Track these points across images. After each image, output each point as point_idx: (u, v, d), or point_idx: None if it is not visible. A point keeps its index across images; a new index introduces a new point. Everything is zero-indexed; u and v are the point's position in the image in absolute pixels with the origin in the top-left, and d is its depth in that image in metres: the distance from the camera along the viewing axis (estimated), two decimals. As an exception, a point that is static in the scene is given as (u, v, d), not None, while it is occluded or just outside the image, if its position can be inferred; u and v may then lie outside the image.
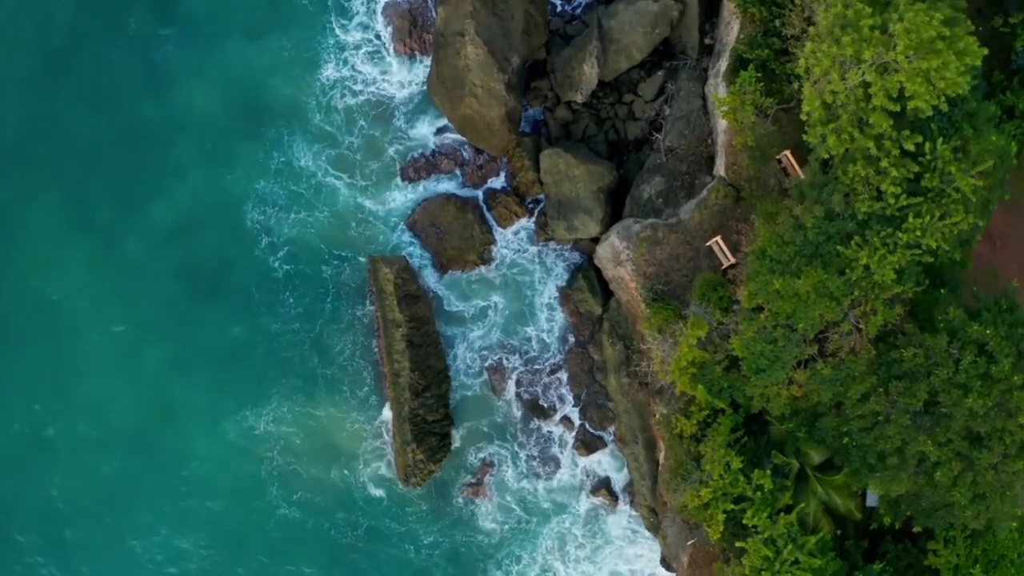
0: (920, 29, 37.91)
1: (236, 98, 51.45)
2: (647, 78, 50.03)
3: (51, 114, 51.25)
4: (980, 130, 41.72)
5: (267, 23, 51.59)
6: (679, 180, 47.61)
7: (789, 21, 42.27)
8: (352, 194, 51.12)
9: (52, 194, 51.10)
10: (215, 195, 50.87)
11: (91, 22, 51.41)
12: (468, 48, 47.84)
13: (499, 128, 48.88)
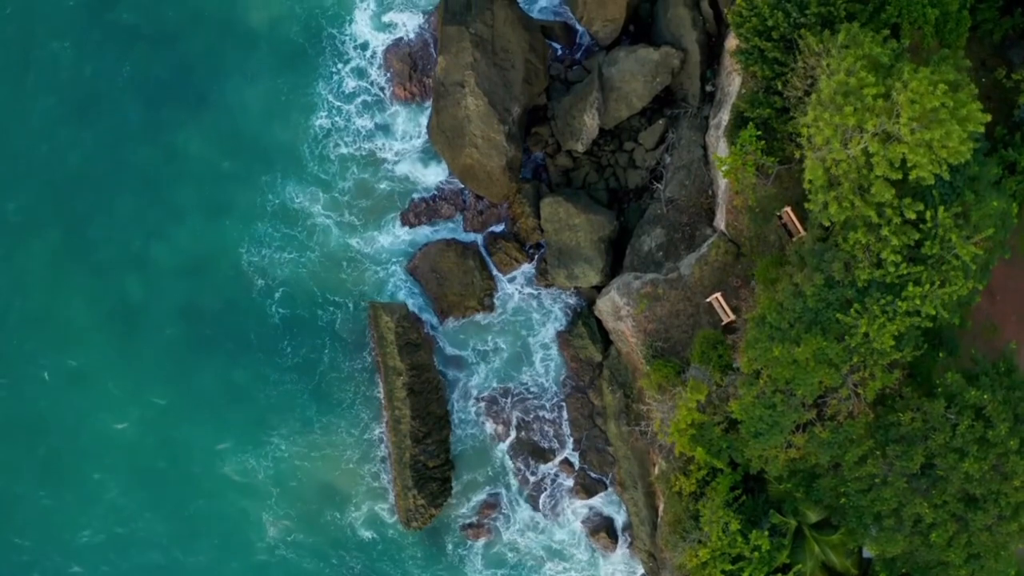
0: (924, 99, 38.00)
1: (235, 142, 51.36)
2: (648, 126, 49.99)
3: (51, 155, 51.13)
4: (981, 195, 41.71)
5: (266, 67, 51.51)
6: (679, 232, 47.66)
7: (791, 83, 42.18)
8: (352, 239, 51.12)
9: (53, 236, 51.02)
10: (214, 239, 50.94)
11: (91, 66, 51.30)
12: (468, 99, 47.73)
13: (500, 177, 48.88)
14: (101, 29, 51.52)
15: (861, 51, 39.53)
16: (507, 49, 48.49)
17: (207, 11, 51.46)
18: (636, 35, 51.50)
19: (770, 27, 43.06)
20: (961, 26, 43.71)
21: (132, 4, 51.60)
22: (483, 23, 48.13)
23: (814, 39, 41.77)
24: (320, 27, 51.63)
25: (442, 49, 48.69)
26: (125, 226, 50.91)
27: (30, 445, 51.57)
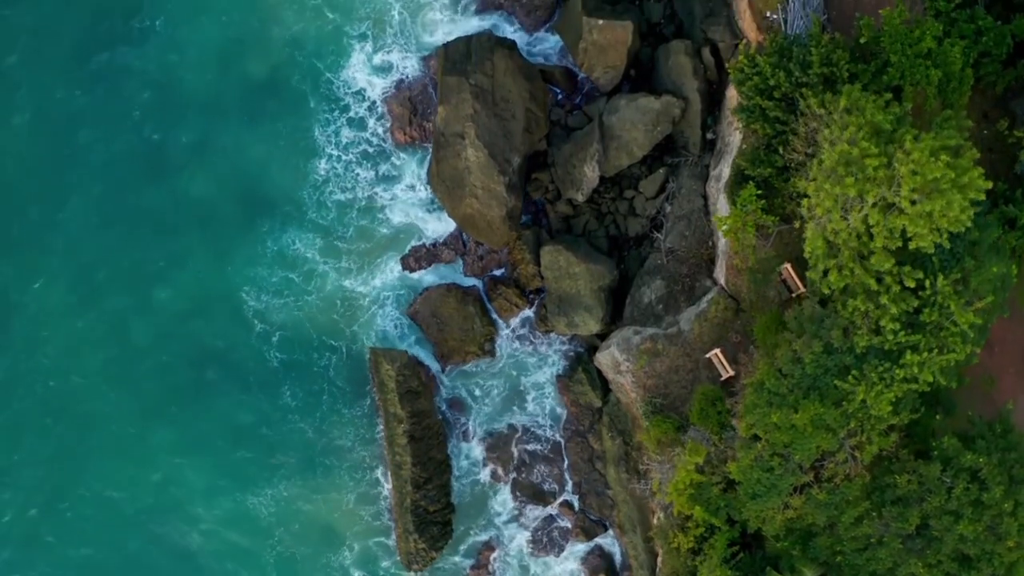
0: (925, 169, 37.98)
1: (235, 187, 51.54)
2: (648, 175, 49.88)
3: (54, 201, 51.12)
4: (981, 260, 41.79)
5: (266, 112, 51.47)
6: (679, 284, 47.78)
7: (792, 144, 42.09)
8: (352, 283, 51.30)
9: (57, 280, 51.13)
10: (214, 284, 51.22)
11: (95, 110, 51.13)
12: (469, 151, 47.65)
13: (500, 226, 48.89)
14: (102, 74, 51.35)
15: (863, 118, 39.69)
16: (507, 99, 48.35)
17: (208, 57, 51.35)
18: (637, 80, 51.38)
19: (772, 86, 43.16)
20: (964, 85, 43.52)
21: (134, 49, 51.39)
22: (483, 74, 47.99)
23: (816, 100, 41.72)
24: (318, 73, 51.57)
25: (442, 99, 48.58)
26: (127, 271, 50.98)
27: (33, 480, 51.80)
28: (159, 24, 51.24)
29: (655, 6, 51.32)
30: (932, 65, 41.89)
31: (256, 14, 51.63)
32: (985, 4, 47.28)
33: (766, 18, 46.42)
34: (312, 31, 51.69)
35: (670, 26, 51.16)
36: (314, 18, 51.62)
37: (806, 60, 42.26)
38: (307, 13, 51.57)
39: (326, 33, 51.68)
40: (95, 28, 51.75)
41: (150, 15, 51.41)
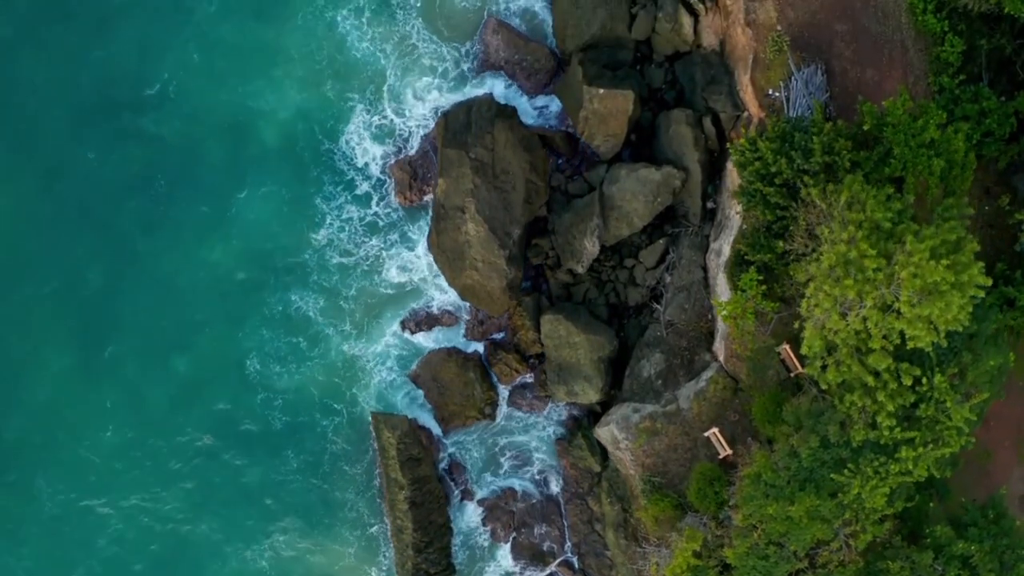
0: (925, 272, 38.00)
1: (237, 252, 51.51)
2: (648, 244, 49.85)
3: (61, 265, 50.96)
4: (979, 354, 42.04)
5: (271, 179, 51.37)
6: (678, 357, 47.99)
7: (793, 234, 42.05)
8: (353, 347, 51.58)
9: (61, 340, 51.10)
10: (217, 348, 51.37)
11: (105, 175, 50.96)
12: (469, 225, 47.61)
13: (500, 296, 48.96)
14: (112, 139, 51.21)
15: (863, 215, 39.64)
16: (508, 171, 48.21)
17: (214, 124, 51.21)
18: (638, 144, 51.13)
19: (773, 173, 43.07)
20: (966, 171, 43.39)
21: (146, 114, 51.22)
22: (483, 147, 47.81)
23: (817, 190, 41.61)
24: (320, 140, 51.46)
25: (442, 171, 48.40)
26: (136, 337, 50.99)
27: (39, 538, 52.20)
28: (170, 91, 51.20)
29: (656, 71, 51.02)
30: (935, 155, 41.78)
31: (261, 81, 51.47)
32: (989, 79, 47.46)
33: (768, 95, 46.34)
34: (315, 98, 51.70)
35: (671, 92, 50.90)
36: (318, 85, 51.59)
37: (808, 147, 42.14)
38: (310, 80, 51.60)
39: (328, 99, 51.70)
40: (107, 92, 51.63)
41: (162, 82, 51.24)
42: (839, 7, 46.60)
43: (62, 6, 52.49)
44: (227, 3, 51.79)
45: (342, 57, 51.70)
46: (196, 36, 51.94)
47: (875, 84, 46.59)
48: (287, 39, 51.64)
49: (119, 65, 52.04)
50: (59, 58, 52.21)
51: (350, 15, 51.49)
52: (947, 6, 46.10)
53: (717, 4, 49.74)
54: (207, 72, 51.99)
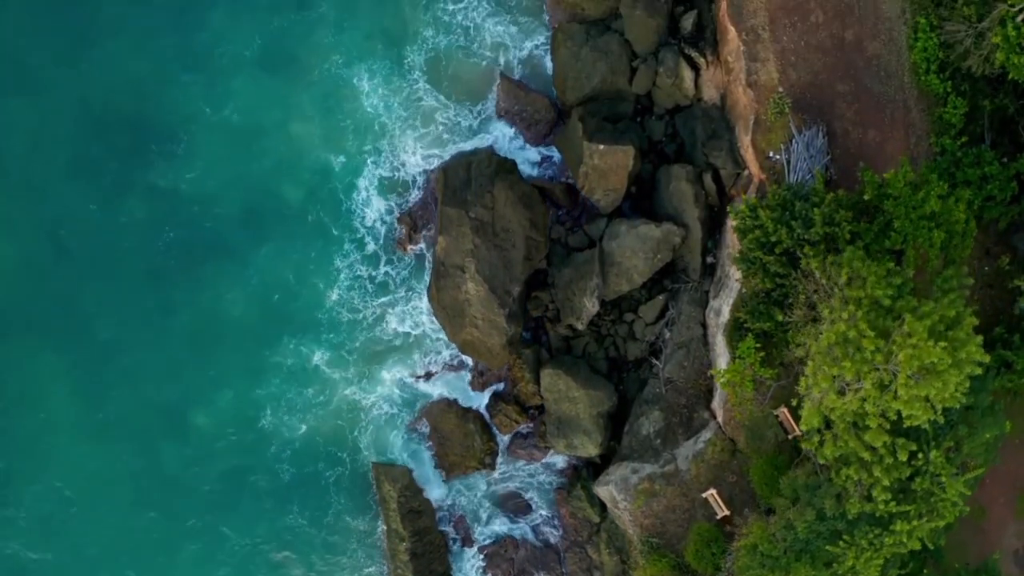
0: (923, 354, 38.08)
1: (248, 306, 51.49)
2: (648, 299, 49.82)
3: (70, 317, 50.96)
4: (975, 426, 42.30)
5: (280, 235, 51.38)
6: (677, 416, 48.14)
7: (792, 305, 42.05)
8: (358, 397, 51.54)
9: (70, 395, 51.12)
10: (228, 401, 51.30)
11: (122, 229, 50.87)
12: (469, 284, 47.56)
13: (500, 352, 49.05)
14: (127, 193, 51.10)
15: (863, 292, 39.61)
16: (508, 229, 48.07)
17: (225, 176, 51.18)
18: (638, 196, 50.99)
19: (773, 242, 43.01)
20: (967, 239, 43.34)
21: (163, 169, 51.11)
22: (483, 206, 47.67)
23: (817, 262, 41.56)
24: (332, 196, 51.56)
25: (442, 229, 48.32)
26: (149, 391, 51.00)
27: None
28: (181, 143, 50.99)
29: (657, 124, 50.75)
30: (936, 226, 41.70)
31: (274, 136, 51.43)
32: (991, 139, 47.24)
33: (769, 158, 46.14)
34: (327, 154, 51.73)
35: (671, 144, 50.70)
36: (331, 141, 51.61)
37: (808, 217, 42.06)
38: (323, 136, 51.56)
39: (340, 155, 51.75)
40: (117, 143, 51.36)
41: (172, 134, 51.10)
42: (841, 67, 46.39)
43: (67, 53, 52.04)
44: (239, 57, 51.76)
45: (355, 113, 51.63)
46: (207, 89, 51.82)
47: (877, 145, 46.45)
48: (300, 95, 51.76)
49: (128, 116, 51.61)
50: (67, 106, 51.75)
51: (363, 73, 51.32)
52: (950, 67, 46.11)
53: (718, 58, 49.52)
54: (218, 125, 51.85)
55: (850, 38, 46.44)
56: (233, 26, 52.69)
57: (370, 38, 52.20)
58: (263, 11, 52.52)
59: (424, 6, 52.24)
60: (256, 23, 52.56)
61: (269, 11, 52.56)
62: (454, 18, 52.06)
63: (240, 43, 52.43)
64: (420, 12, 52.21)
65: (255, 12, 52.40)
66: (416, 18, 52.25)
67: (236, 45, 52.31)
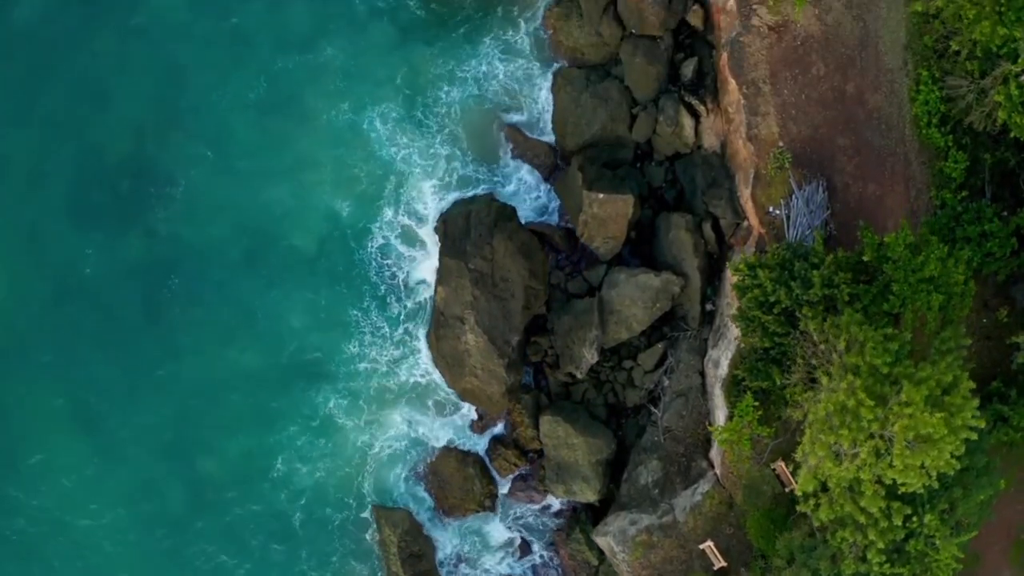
0: (919, 423, 38.26)
1: (261, 350, 51.31)
2: (647, 347, 49.85)
3: (75, 363, 51.05)
4: (969, 488, 42.52)
5: (296, 284, 51.24)
6: (675, 465, 48.38)
7: (791, 367, 42.19)
8: (364, 441, 51.53)
9: (73, 443, 51.19)
10: (242, 448, 51.30)
11: (132, 274, 50.94)
12: (468, 336, 47.66)
13: (499, 400, 49.25)
14: (136, 237, 51.13)
15: (860, 359, 39.68)
16: (507, 279, 48.09)
17: (231, 221, 51.20)
18: (638, 241, 50.96)
19: (772, 302, 43.02)
20: (966, 299, 43.26)
21: (171, 214, 51.14)
22: (482, 258, 47.64)
23: (815, 324, 41.62)
24: (343, 244, 51.33)
25: (441, 279, 48.43)
26: (162, 437, 51.09)
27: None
28: (187, 191, 50.99)
29: (656, 170, 50.70)
30: (934, 289, 41.68)
31: (281, 182, 51.38)
32: (991, 192, 47.09)
33: (768, 213, 46.09)
34: (338, 200, 51.47)
35: (671, 191, 50.67)
36: (342, 187, 51.33)
37: (807, 278, 42.08)
38: (333, 182, 51.39)
39: (351, 202, 51.46)
40: (117, 186, 51.41)
41: (179, 182, 51.11)
42: (842, 121, 46.23)
43: (67, 94, 51.98)
44: (241, 99, 51.53)
45: (365, 158, 51.56)
46: (208, 132, 51.63)
47: (877, 199, 46.39)
48: (309, 139, 51.71)
49: (128, 158, 51.54)
50: (67, 147, 51.78)
51: (373, 117, 51.27)
52: (952, 120, 45.88)
53: (719, 106, 49.32)
54: (222, 169, 51.67)
55: (851, 91, 46.36)
56: (237, 68, 52.30)
57: (380, 84, 51.94)
58: (266, 54, 52.12)
59: (432, 51, 51.91)
60: (260, 66, 52.10)
61: (273, 54, 52.18)
62: (463, 62, 51.81)
63: (244, 86, 52.07)
64: (428, 57, 52.00)
65: (258, 55, 52.00)
66: (424, 63, 52.13)
67: (239, 88, 51.92)
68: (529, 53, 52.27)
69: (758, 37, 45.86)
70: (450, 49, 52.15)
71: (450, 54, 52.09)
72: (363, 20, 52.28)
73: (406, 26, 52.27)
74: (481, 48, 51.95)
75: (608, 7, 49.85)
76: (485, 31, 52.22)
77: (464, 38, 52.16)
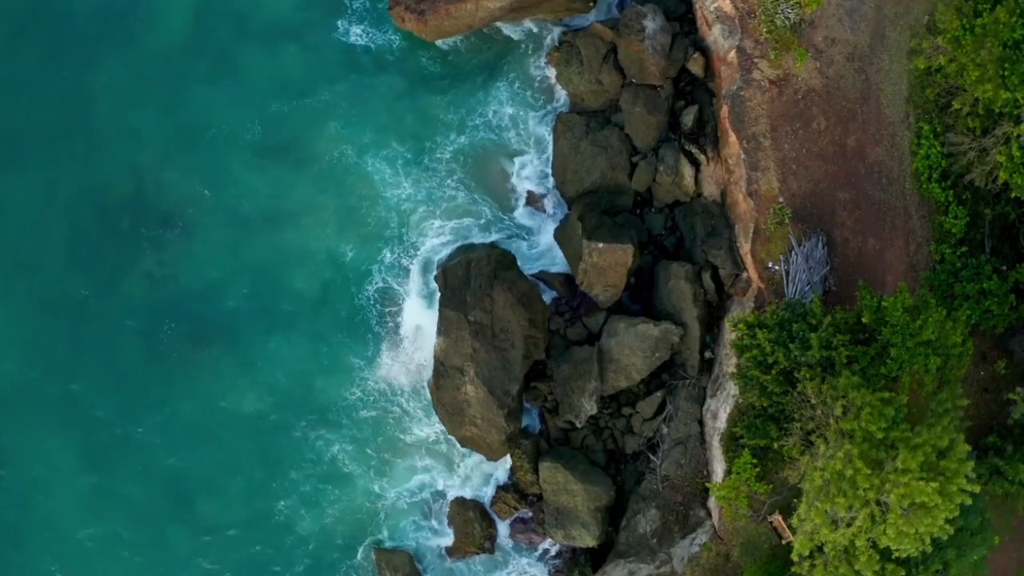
0: (914, 492, 38.47)
1: (263, 395, 51.44)
2: (646, 395, 49.90)
3: (80, 407, 51.25)
4: (963, 548, 42.79)
5: (297, 323, 51.31)
6: (674, 513, 48.62)
7: (788, 430, 42.28)
8: (364, 487, 51.60)
9: (79, 482, 51.33)
10: (247, 490, 51.42)
11: (134, 319, 51.05)
12: (468, 387, 47.74)
13: (499, 447, 49.47)
14: (134, 281, 51.23)
15: (856, 425, 39.75)
16: (507, 330, 48.12)
17: (231, 264, 51.29)
18: (637, 286, 50.93)
19: (771, 363, 43.09)
20: (963, 359, 43.35)
21: (147, 250, 51.20)
22: (482, 310, 47.65)
23: (812, 386, 41.77)
24: (346, 289, 51.37)
25: (441, 329, 48.42)
26: (168, 480, 51.29)
27: None
28: (184, 233, 51.03)
29: (656, 217, 50.67)
30: (932, 352, 41.74)
31: (284, 224, 51.43)
32: (991, 246, 46.95)
33: (768, 268, 46.04)
34: (341, 244, 51.41)
35: (671, 238, 50.63)
36: (344, 231, 51.34)
37: (806, 338, 42.13)
38: (335, 225, 51.39)
39: (355, 246, 51.38)
40: (123, 232, 51.41)
41: (176, 224, 51.19)
42: (842, 175, 46.06)
43: (62, 134, 51.90)
44: (242, 140, 51.50)
45: (367, 202, 51.55)
46: (209, 171, 51.62)
47: (876, 253, 46.29)
48: (311, 182, 51.54)
49: (123, 200, 51.57)
50: (62, 187, 51.70)
51: (375, 161, 51.25)
52: (952, 175, 45.72)
53: (719, 155, 49.12)
54: (220, 211, 51.70)
55: (852, 144, 46.15)
56: (239, 110, 52.01)
57: (384, 129, 51.82)
58: (269, 98, 51.91)
59: (438, 98, 51.83)
60: (257, 108, 51.94)
61: (275, 97, 51.96)
62: (470, 109, 51.73)
63: (240, 126, 51.81)
64: (434, 103, 51.92)
65: (260, 98, 51.71)
66: (430, 109, 52.05)
67: (240, 129, 51.74)
68: (534, 98, 51.95)
69: (759, 91, 45.69)
70: (457, 96, 52.32)
71: (457, 101, 52.26)
72: (368, 67, 51.95)
73: (411, 73, 52.03)
74: (488, 94, 51.84)
75: (608, 55, 49.76)
76: (489, 77, 52.05)
77: (472, 85, 52.04)
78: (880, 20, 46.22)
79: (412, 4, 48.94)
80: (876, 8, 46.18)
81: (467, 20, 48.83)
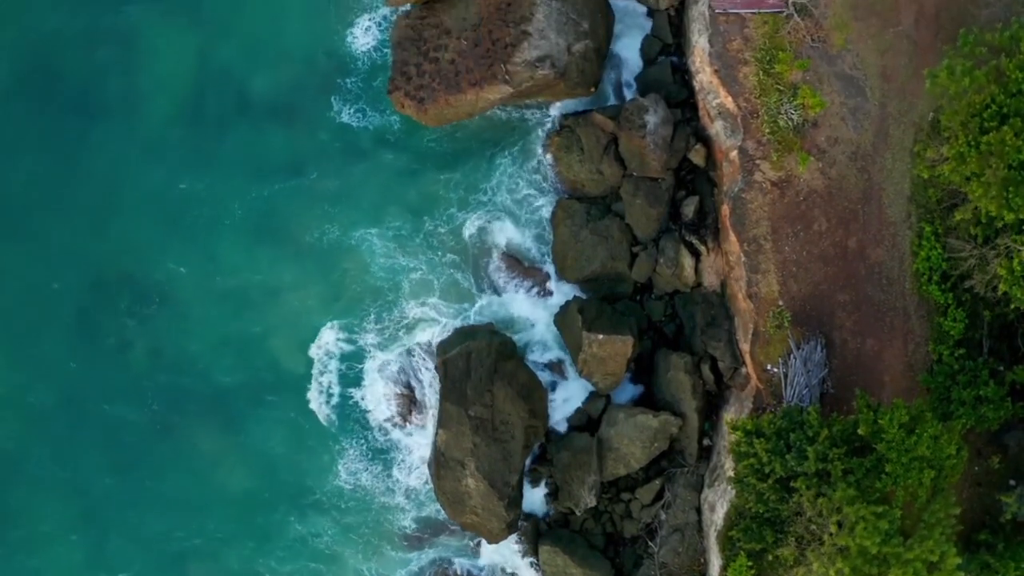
0: (908, 613, 39.32)
1: (248, 474, 51.85)
2: (645, 482, 50.35)
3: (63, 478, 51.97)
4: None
5: (283, 400, 51.50)
6: (671, 603, 49.74)
7: (784, 541, 42.76)
8: (356, 567, 52.26)
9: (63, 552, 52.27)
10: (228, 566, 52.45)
11: (108, 390, 51.24)
12: (469, 480, 48.06)
13: (499, 533, 49.84)
14: (111, 350, 51.35)
15: (850, 540, 40.28)
16: (507, 422, 48.39)
17: (212, 338, 51.39)
18: (636, 371, 51.20)
19: (768, 472, 43.42)
20: (957, 468, 43.73)
21: (139, 324, 51.40)
22: (482, 405, 47.82)
23: (808, 495, 42.21)
24: (325, 366, 51.36)
25: (442, 422, 48.67)
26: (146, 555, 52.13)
27: None
28: (161, 308, 51.14)
29: (656, 304, 50.60)
30: (927, 466, 42.15)
31: (260, 303, 51.48)
32: (989, 346, 46.97)
33: (766, 370, 46.18)
34: (314, 320, 51.48)
35: (671, 325, 50.76)
36: (321, 307, 51.39)
37: (802, 449, 42.47)
38: (312, 301, 51.39)
39: (329, 319, 51.42)
40: (97, 305, 51.53)
41: (153, 299, 51.27)
42: (843, 276, 45.98)
43: (40, 209, 51.65)
44: (223, 215, 51.32)
45: (355, 280, 51.40)
46: (183, 250, 51.35)
47: (875, 354, 46.34)
48: (295, 259, 51.29)
49: (101, 274, 51.53)
50: (38, 262, 51.52)
51: (365, 238, 51.09)
52: (952, 278, 45.62)
53: (719, 247, 48.93)
54: (201, 284, 51.67)
55: (853, 245, 46.02)
56: (228, 187, 51.89)
57: (377, 206, 51.56)
58: (262, 177, 51.75)
59: (438, 177, 51.59)
60: (252, 186, 51.85)
61: (267, 176, 51.80)
62: (469, 189, 51.51)
63: (237, 205, 51.72)
64: (432, 182, 51.66)
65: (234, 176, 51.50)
66: (428, 187, 51.78)
67: (228, 207, 51.50)
68: (533, 180, 51.65)
69: (761, 193, 45.45)
70: (455, 177, 51.78)
71: (456, 181, 51.75)
72: (357, 144, 51.72)
73: (411, 153, 51.84)
74: (488, 175, 51.50)
75: (609, 146, 49.45)
76: (489, 158, 51.73)
77: (471, 166, 51.62)
78: (884, 118, 45.92)
79: (412, 91, 48.51)
80: (880, 106, 45.87)
81: (467, 109, 48.45)
